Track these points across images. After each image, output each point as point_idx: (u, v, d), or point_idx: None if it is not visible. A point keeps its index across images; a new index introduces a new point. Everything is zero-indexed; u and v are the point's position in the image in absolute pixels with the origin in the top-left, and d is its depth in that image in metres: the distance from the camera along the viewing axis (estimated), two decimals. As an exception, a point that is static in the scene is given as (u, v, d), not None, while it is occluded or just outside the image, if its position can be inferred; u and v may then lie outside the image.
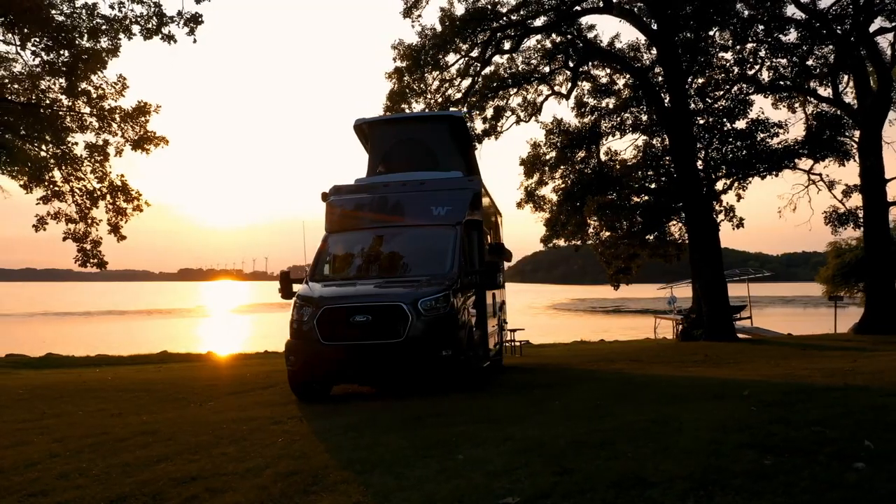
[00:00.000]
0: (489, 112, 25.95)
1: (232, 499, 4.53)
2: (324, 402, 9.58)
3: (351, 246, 11.08)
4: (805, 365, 11.68)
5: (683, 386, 9.07)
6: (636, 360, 15.08)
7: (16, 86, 17.21)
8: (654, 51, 22.85)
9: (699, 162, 22.01)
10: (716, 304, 20.56)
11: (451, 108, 25.77)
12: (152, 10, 14.17)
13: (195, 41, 14.25)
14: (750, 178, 21.45)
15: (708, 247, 21.06)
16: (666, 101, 22.24)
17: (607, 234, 25.78)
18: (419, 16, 23.02)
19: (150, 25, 14.31)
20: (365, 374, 9.48)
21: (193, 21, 14.25)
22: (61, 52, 14.23)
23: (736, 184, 21.71)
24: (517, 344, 21.68)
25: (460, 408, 7.92)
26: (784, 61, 22.49)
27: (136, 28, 14.50)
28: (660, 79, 22.88)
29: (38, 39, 14.05)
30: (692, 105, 23.34)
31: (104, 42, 16.13)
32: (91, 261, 17.24)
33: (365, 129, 13.09)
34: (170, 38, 14.36)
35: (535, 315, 68.39)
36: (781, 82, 23.24)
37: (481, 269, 10.78)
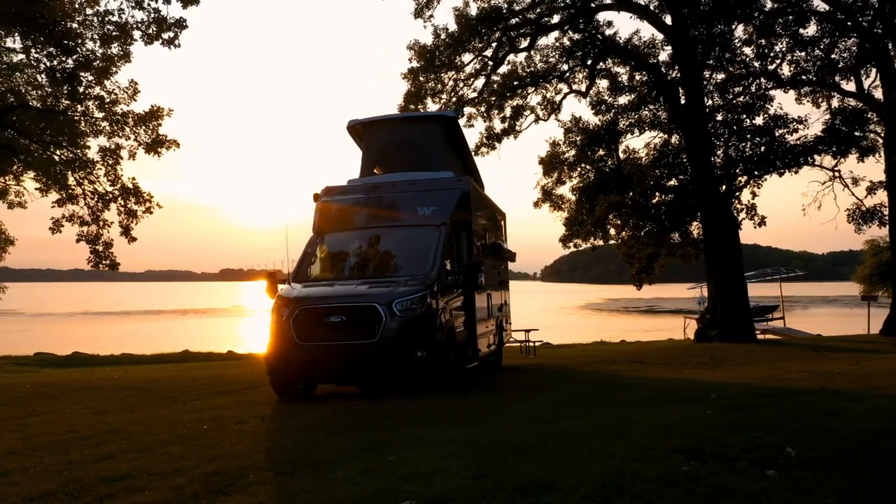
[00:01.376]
0: (507, 111, 25.91)
1: (144, 498, 4.59)
2: (304, 401, 9.63)
3: (336, 247, 11.16)
4: (801, 367, 11.38)
5: (659, 388, 8.93)
6: (638, 362, 14.86)
7: (35, 91, 17.76)
8: (669, 47, 22.45)
9: (716, 159, 21.57)
10: (731, 304, 20.12)
11: (466, 108, 25.81)
12: (152, 15, 14.53)
13: (179, 45, 14.53)
14: (766, 176, 20.92)
15: (725, 245, 20.62)
16: (681, 98, 21.85)
17: (626, 233, 25.48)
18: (431, 16, 22.98)
19: (150, 31, 14.69)
20: (339, 375, 9.54)
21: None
22: (65, 59, 14.60)
23: (751, 181, 21.19)
24: (531, 344, 21.60)
25: (424, 409, 7.91)
26: (805, 55, 21.88)
27: (136, 34, 14.90)
28: (673, 74, 22.48)
29: (41, 46, 14.45)
30: (710, 101, 22.92)
31: (115, 48, 16.54)
32: (103, 262, 17.67)
33: (359, 130, 13.15)
34: (170, 42, 14.71)
35: (567, 315, 68.01)
36: (804, 77, 22.64)
37: (460, 270, 10.71)
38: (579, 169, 25.37)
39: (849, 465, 4.30)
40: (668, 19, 22.00)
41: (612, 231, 25.80)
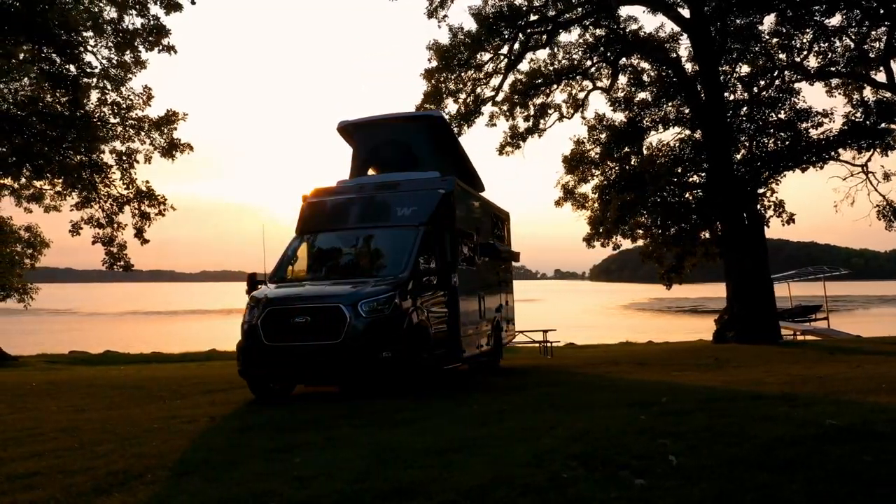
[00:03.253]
0: (531, 109, 25.70)
1: (32, 495, 4.69)
2: (278, 401, 9.67)
3: (314, 248, 11.22)
4: (796, 371, 10.97)
5: (626, 391, 8.77)
6: (640, 364, 14.53)
7: (54, 97, 18.32)
8: (687, 41, 21.92)
9: (738, 155, 20.96)
10: (749, 304, 19.48)
11: (488, 107, 25.70)
12: (151, 22, 14.87)
13: (176, 52, 14.83)
14: (785, 172, 20.21)
15: (742, 243, 19.98)
16: (701, 93, 21.29)
17: (652, 232, 24.96)
18: (445, 16, 22.92)
19: (150, 38, 15.08)
20: (305, 375, 9.58)
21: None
22: (67, 66, 15.08)
23: (772, 178, 20.50)
24: (548, 345, 21.40)
25: (377, 409, 7.94)
26: (830, 45, 21.06)
27: (137, 41, 15.27)
28: (692, 69, 21.93)
29: (44, 53, 14.95)
30: (734, 96, 22.31)
31: (128, 56, 17.01)
32: (118, 264, 18.19)
33: (350, 130, 13.20)
34: (170, 48, 15.08)
35: (608, 315, 67.11)
36: (833, 68, 21.80)
37: (435, 270, 10.60)
38: (602, 167, 25.00)
39: (729, 475, 4.11)
40: (685, 13, 21.48)
41: (640, 231, 25.37)
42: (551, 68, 24.97)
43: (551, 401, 8.03)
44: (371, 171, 13.23)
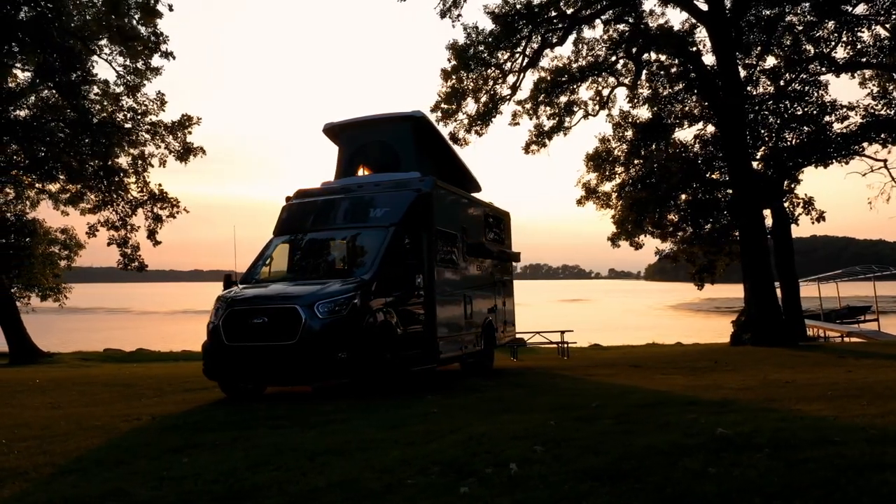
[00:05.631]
0: (556, 108, 25.39)
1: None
2: (245, 400, 9.78)
3: (288, 249, 11.32)
4: (772, 377, 10.56)
5: (577, 394, 8.57)
6: (636, 366, 14.22)
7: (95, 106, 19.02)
8: (705, 34, 21.31)
9: (756, 151, 20.25)
10: (766, 305, 18.78)
11: (511, 106, 25.49)
12: (150, 30, 15.31)
13: (175, 58, 15.20)
14: (802, 169, 19.42)
15: (762, 243, 19.30)
16: (719, 88, 20.65)
17: (677, 231, 24.38)
18: (459, 15, 22.80)
19: (150, 45, 15.53)
20: (263, 376, 9.66)
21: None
22: (70, 73, 15.63)
23: (796, 171, 19.74)
24: (565, 346, 21.13)
25: (309, 410, 8.04)
26: (865, 35, 20.16)
27: (139, 46, 15.75)
28: (710, 62, 21.32)
29: (48, 60, 15.54)
30: (758, 89, 21.59)
31: (139, 64, 17.54)
32: (131, 265, 18.77)
33: (336, 131, 13.29)
34: (168, 55, 15.52)
35: (651, 315, 65.85)
36: (863, 59, 20.85)
37: (403, 271, 10.56)
38: (627, 165, 24.54)
39: (556, 485, 3.97)
40: (703, 6, 20.89)
41: (669, 229, 24.81)
42: (575, 66, 24.62)
43: (490, 405, 7.92)
44: (362, 172, 13.29)
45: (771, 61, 21.94)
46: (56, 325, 47.63)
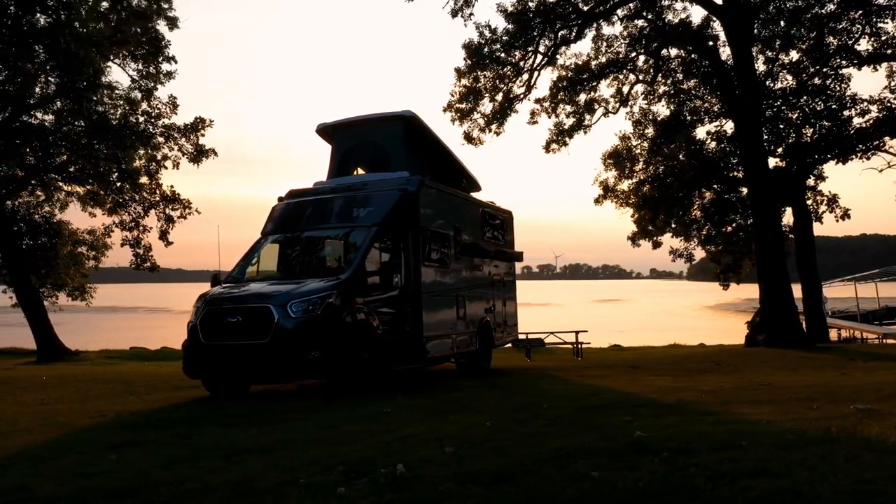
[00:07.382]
0: (575, 106, 25.13)
1: None
2: (224, 399, 9.90)
3: (272, 249, 11.44)
4: (763, 378, 10.28)
5: (539, 395, 8.49)
6: (634, 367, 13.99)
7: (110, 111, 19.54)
8: (720, 29, 20.84)
9: (773, 147, 19.72)
10: (781, 305, 18.23)
11: (529, 105, 25.27)
12: (148, 35, 15.65)
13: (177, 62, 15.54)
14: (821, 165, 18.84)
15: (777, 241, 18.76)
16: (735, 83, 20.17)
17: (699, 229, 23.92)
18: (471, 14, 22.67)
19: (150, 50, 15.88)
20: (237, 374, 9.77)
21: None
22: (76, 78, 16.03)
23: (817, 166, 19.16)
24: (579, 346, 20.93)
25: (269, 409, 8.13)
26: (888, 26, 19.47)
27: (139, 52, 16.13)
28: (726, 57, 20.82)
29: (53, 66, 15.98)
30: (777, 84, 21.04)
31: (152, 68, 17.94)
32: (144, 265, 19.19)
33: (329, 132, 13.38)
34: (170, 59, 15.84)
35: (686, 316, 64.70)
36: (889, 50, 20.13)
37: (384, 269, 10.54)
38: (646, 163, 24.17)
39: (430, 488, 3.94)
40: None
41: (693, 228, 24.36)
42: (594, 63, 24.33)
43: (447, 406, 7.88)
44: (356, 172, 13.34)
45: (790, 55, 21.38)
46: (100, 325, 49.07)
